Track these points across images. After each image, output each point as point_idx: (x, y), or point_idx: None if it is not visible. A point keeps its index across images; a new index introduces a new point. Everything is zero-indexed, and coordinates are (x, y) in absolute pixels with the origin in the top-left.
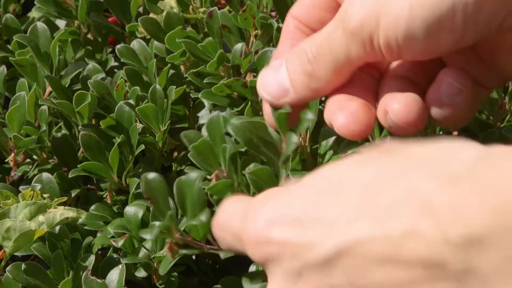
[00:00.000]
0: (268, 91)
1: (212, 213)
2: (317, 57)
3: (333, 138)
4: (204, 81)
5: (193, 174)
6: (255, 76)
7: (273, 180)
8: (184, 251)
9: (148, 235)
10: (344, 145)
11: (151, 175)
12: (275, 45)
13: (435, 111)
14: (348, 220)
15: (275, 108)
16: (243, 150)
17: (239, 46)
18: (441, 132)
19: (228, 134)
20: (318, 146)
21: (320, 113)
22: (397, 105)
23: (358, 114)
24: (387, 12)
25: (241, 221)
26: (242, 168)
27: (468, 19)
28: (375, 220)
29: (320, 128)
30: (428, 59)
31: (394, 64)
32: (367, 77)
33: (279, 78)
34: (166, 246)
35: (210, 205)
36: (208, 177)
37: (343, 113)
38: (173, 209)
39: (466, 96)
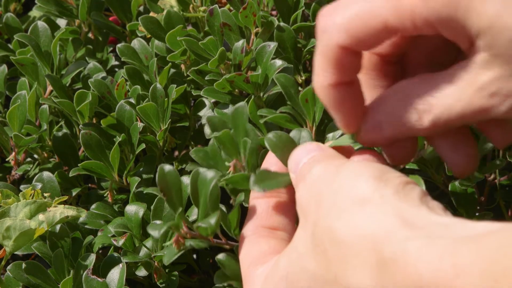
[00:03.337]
0: None
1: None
2: None
3: (340, 131)
4: (206, 78)
5: (209, 173)
6: (254, 73)
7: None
8: (191, 243)
9: (156, 232)
10: None
11: (167, 168)
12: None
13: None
14: None
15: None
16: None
17: (240, 43)
18: None
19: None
20: (325, 139)
21: (324, 111)
22: (454, 156)
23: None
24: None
25: None
26: (261, 161)
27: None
28: None
29: (325, 122)
30: None
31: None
32: None
33: None
34: (173, 239)
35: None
36: (227, 163)
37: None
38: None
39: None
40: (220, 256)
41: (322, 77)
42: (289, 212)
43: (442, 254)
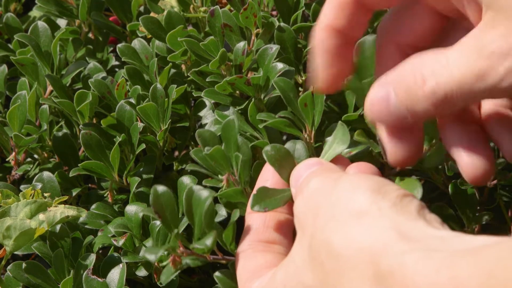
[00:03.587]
0: None
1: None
2: None
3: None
4: (207, 79)
5: (204, 193)
6: (255, 75)
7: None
8: (187, 261)
9: (152, 257)
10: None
11: (161, 189)
12: (275, 44)
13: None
14: None
15: None
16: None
17: (241, 44)
18: None
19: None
20: (324, 143)
21: (325, 112)
22: (468, 161)
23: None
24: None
25: None
26: (253, 173)
27: None
28: None
29: (326, 123)
30: None
31: None
32: None
33: None
34: (169, 259)
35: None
36: (220, 176)
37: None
38: (180, 224)
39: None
40: (217, 273)
41: (325, 19)
42: (286, 226)
43: (439, 267)
